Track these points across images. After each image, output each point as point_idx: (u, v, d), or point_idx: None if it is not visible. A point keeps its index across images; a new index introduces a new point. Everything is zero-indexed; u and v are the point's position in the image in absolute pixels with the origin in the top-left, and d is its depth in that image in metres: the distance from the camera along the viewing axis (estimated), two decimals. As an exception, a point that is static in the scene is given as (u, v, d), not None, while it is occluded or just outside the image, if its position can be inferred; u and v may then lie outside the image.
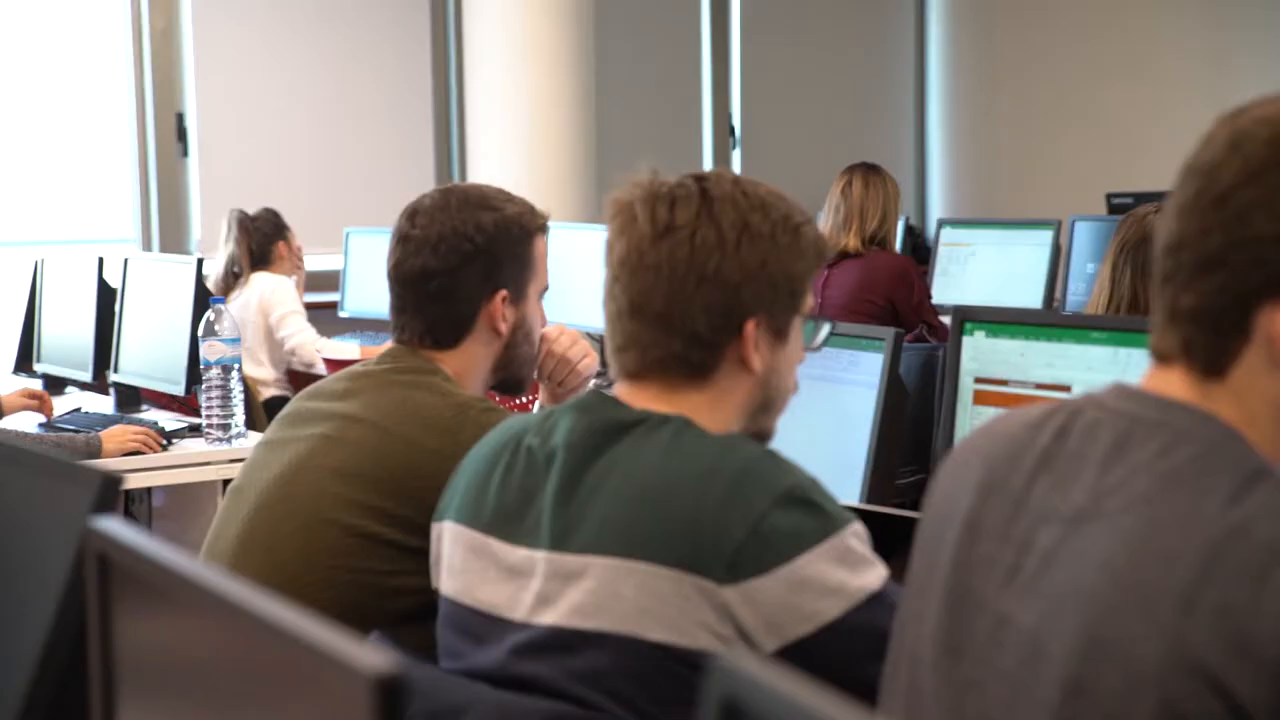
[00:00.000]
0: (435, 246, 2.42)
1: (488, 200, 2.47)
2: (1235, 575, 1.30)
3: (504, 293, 2.45)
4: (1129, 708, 1.32)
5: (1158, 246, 1.44)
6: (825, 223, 5.44)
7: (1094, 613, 1.35)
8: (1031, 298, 5.33)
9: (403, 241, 2.46)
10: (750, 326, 1.88)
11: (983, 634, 1.45)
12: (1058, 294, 5.44)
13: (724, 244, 1.86)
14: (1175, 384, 1.43)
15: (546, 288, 2.56)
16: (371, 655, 0.93)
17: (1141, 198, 5.40)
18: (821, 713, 0.84)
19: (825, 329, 2.03)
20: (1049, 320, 2.27)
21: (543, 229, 2.52)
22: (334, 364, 5.23)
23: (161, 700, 1.15)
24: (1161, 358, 1.45)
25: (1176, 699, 1.30)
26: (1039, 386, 2.25)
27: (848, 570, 1.77)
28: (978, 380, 2.33)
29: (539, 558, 1.84)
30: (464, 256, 2.42)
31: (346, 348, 5.94)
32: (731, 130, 8.01)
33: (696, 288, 1.85)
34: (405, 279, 2.45)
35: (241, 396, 4.28)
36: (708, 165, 7.75)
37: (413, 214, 2.46)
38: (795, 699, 0.85)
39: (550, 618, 1.81)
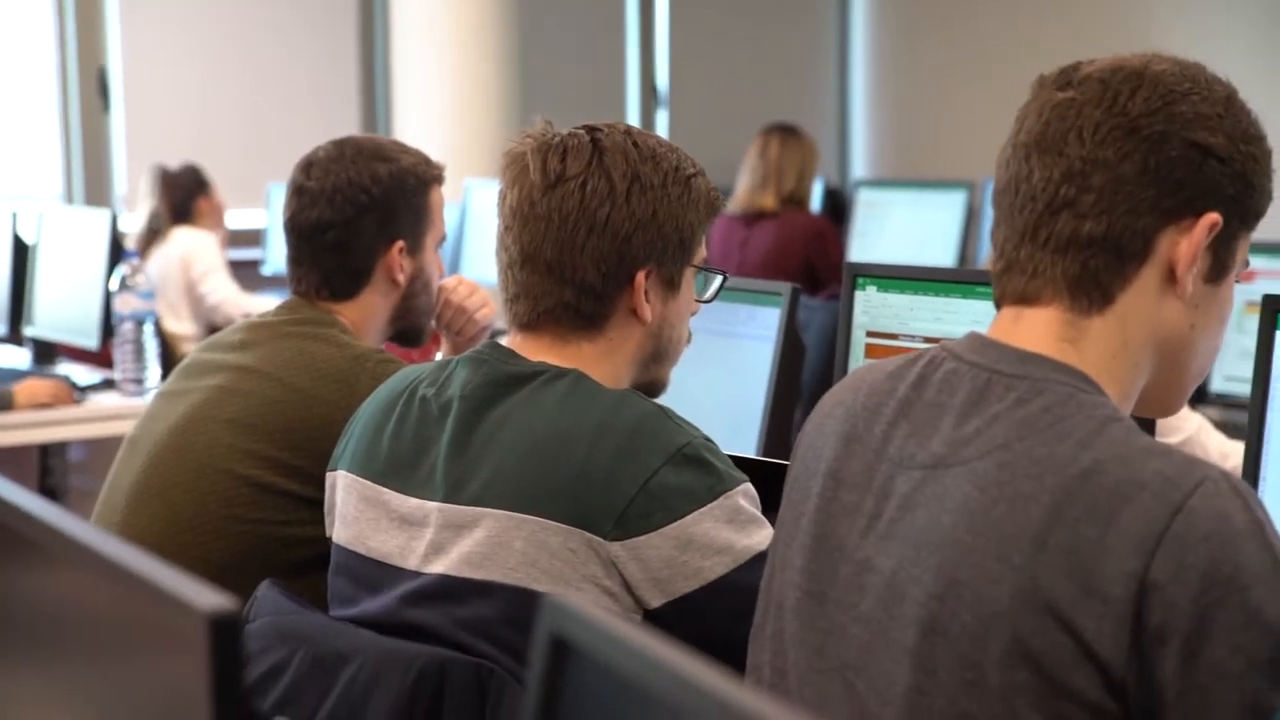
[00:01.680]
0: (331, 198, 2.43)
1: (383, 151, 2.47)
2: (1084, 516, 1.33)
3: (401, 243, 2.46)
4: (982, 645, 1.35)
5: (1026, 186, 1.47)
6: (743, 183, 5.46)
7: (950, 555, 1.39)
8: (946, 257, 5.39)
9: (298, 193, 2.46)
10: (641, 277, 1.90)
11: (844, 580, 1.48)
12: (971, 253, 5.49)
13: (614, 194, 1.87)
14: (1039, 329, 1.47)
15: (444, 238, 2.57)
16: (208, 595, 0.95)
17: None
18: (644, 650, 0.86)
19: (717, 280, 2.05)
20: (937, 275, 2.30)
21: (438, 179, 2.52)
22: (252, 320, 5.19)
23: (6, 648, 1.16)
24: (1024, 300, 1.48)
25: (1026, 635, 1.33)
26: (927, 340, 2.28)
27: (735, 530, 1.80)
28: (869, 334, 2.36)
29: (432, 508, 1.85)
30: (360, 207, 2.43)
31: (269, 304, 5.90)
32: (655, 90, 8.00)
33: (587, 238, 1.87)
34: (301, 230, 2.45)
35: (155, 350, 4.27)
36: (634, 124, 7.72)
37: (308, 166, 2.46)
38: (620, 636, 0.87)
39: (440, 566, 1.83)
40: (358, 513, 1.94)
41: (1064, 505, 1.35)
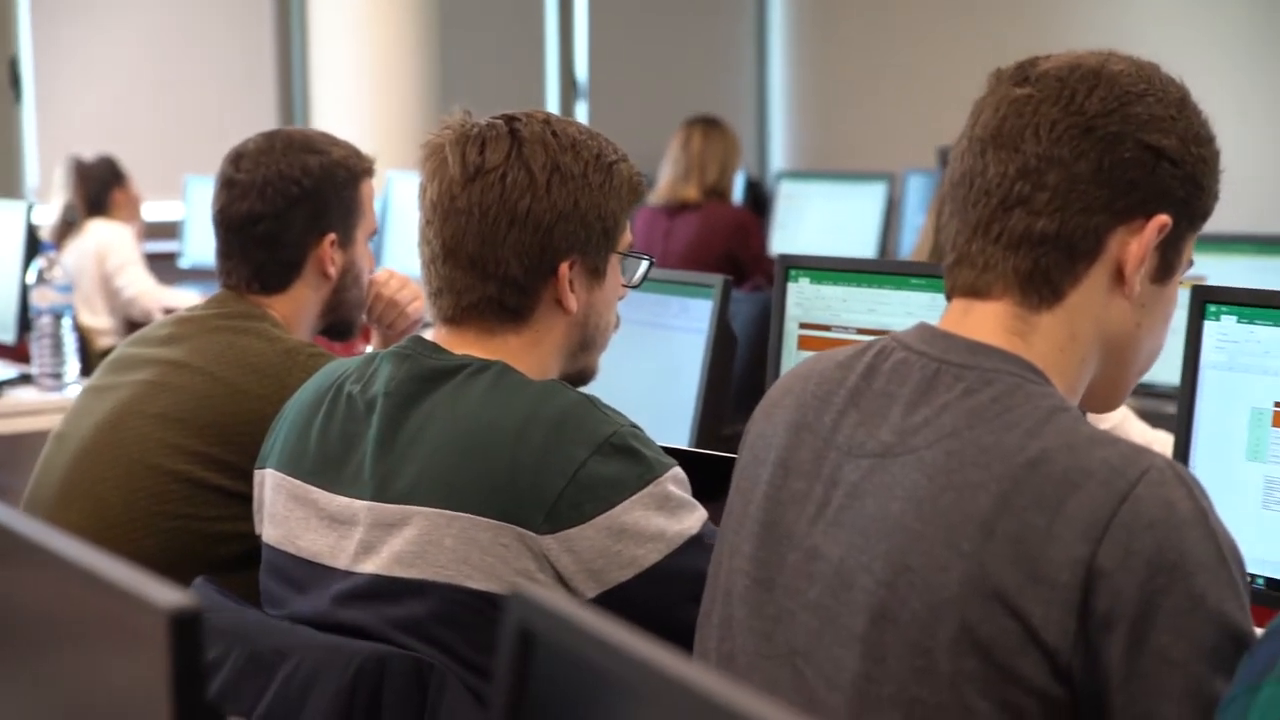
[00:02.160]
0: (261, 190, 2.40)
1: (313, 144, 2.45)
2: (1032, 504, 1.35)
3: (332, 236, 2.44)
4: (931, 631, 1.36)
5: (981, 181, 1.48)
6: (665, 175, 5.48)
7: (899, 542, 1.40)
8: (866, 248, 5.42)
9: (227, 186, 2.43)
10: (564, 268, 1.88)
11: (793, 567, 1.48)
12: (891, 245, 5.53)
13: (534, 185, 1.86)
14: (988, 322, 1.48)
15: (375, 231, 2.56)
16: (168, 592, 0.94)
17: (976, 152, 5.47)
18: (609, 640, 0.86)
19: (644, 265, 2.05)
20: (870, 267, 2.31)
21: (369, 172, 2.51)
22: (172, 313, 5.14)
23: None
24: (974, 293, 1.49)
25: (975, 622, 1.35)
26: (860, 331, 2.30)
27: (666, 516, 1.79)
28: (802, 325, 2.37)
29: (360, 507, 1.84)
30: (291, 200, 2.41)
31: (186, 297, 5.86)
32: (575, 82, 8.00)
33: (508, 231, 1.86)
34: (231, 223, 2.43)
35: (73, 344, 4.21)
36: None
37: (237, 158, 2.44)
38: (586, 628, 0.87)
39: (372, 566, 1.82)
40: (287, 512, 1.92)
41: (1012, 493, 1.36)
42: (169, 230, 6.91)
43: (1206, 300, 1.90)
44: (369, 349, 2.68)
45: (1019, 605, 1.34)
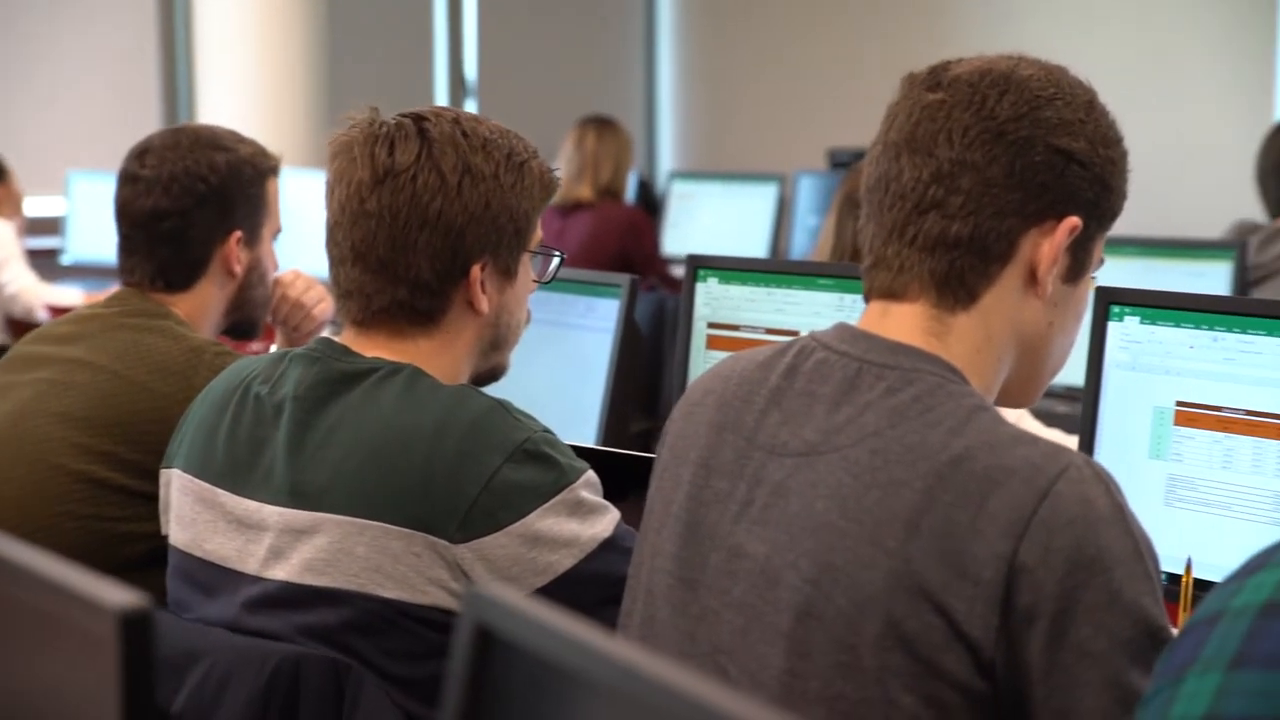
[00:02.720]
0: (167, 186, 2.37)
1: (219, 140, 2.42)
2: (956, 501, 1.37)
3: (238, 234, 2.42)
4: (857, 628, 1.38)
5: (896, 185, 1.51)
6: (559, 174, 5.47)
7: (824, 540, 1.41)
8: (758, 248, 5.46)
9: (131, 181, 2.40)
10: (476, 270, 1.87)
11: (716, 566, 1.49)
12: (782, 245, 5.58)
13: (446, 188, 1.84)
14: (906, 323, 1.50)
15: (280, 230, 2.53)
16: (118, 593, 0.93)
17: (861, 153, 5.54)
18: (568, 635, 0.87)
19: (555, 261, 2.04)
20: (779, 268, 2.34)
21: (275, 170, 2.48)
22: (57, 311, 5.07)
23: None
24: (892, 295, 1.52)
25: (900, 618, 1.37)
26: (769, 331, 2.32)
27: (579, 521, 1.79)
28: (710, 325, 2.39)
29: (270, 512, 1.82)
30: (197, 197, 2.38)
31: (70, 294, 5.76)
32: (464, 81, 7.97)
33: (419, 234, 1.84)
34: (135, 220, 2.40)
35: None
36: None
37: (142, 153, 2.40)
38: (545, 624, 0.88)
39: (282, 573, 1.80)
40: (194, 514, 1.90)
41: (936, 490, 1.38)
42: (50, 226, 6.79)
43: (1110, 302, 1.94)
44: (273, 348, 2.66)
45: (943, 601, 1.37)
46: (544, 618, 0.88)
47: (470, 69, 7.95)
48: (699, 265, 2.40)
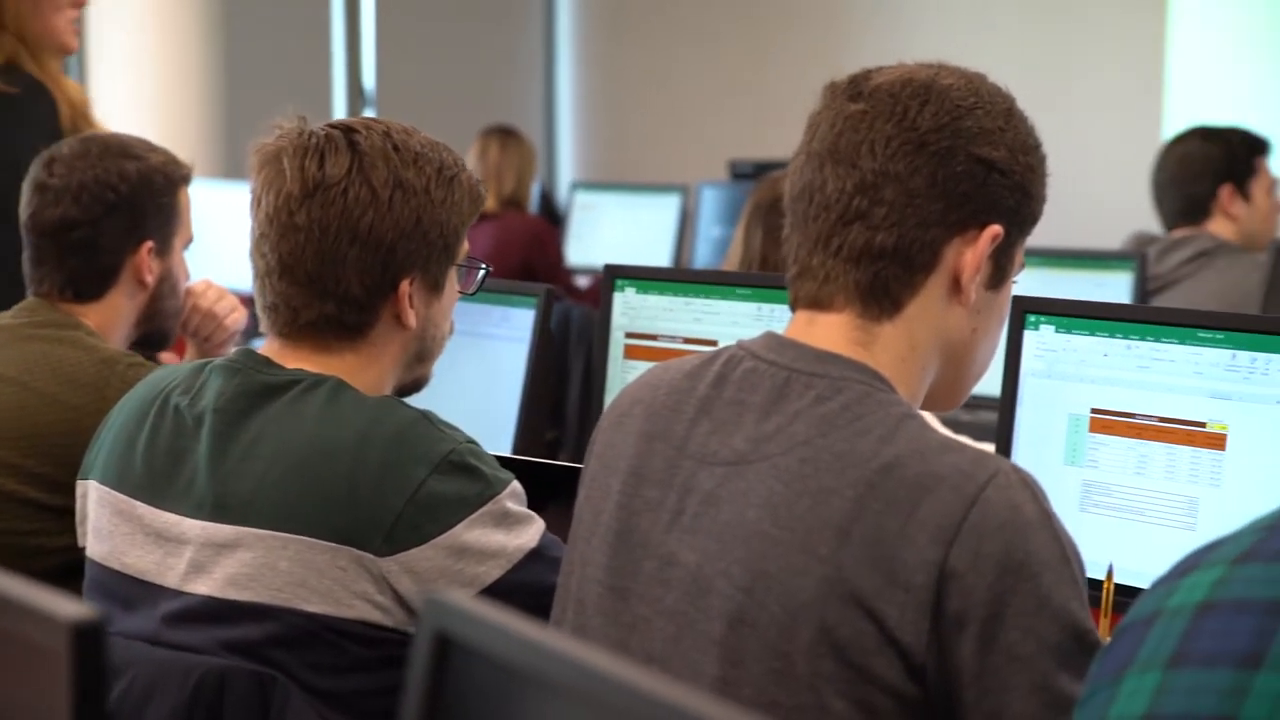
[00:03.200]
0: (76, 195, 2.34)
1: (130, 149, 2.40)
2: (886, 508, 1.39)
3: (150, 244, 2.39)
4: (790, 635, 1.40)
5: (820, 196, 1.52)
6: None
7: (756, 548, 1.43)
8: (661, 258, 5.48)
9: (40, 190, 2.36)
10: (405, 285, 1.86)
11: (648, 575, 1.50)
12: (685, 255, 5.60)
13: (377, 202, 1.82)
14: (833, 333, 1.52)
15: (191, 240, 2.51)
16: (68, 604, 0.92)
17: (761, 165, 5.59)
18: (527, 639, 0.87)
19: (480, 273, 2.04)
20: (697, 277, 2.35)
21: (186, 179, 2.46)
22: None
23: None
24: (817, 305, 1.53)
25: (833, 624, 1.38)
26: (687, 341, 2.33)
27: (505, 532, 1.79)
28: (628, 335, 2.39)
29: (191, 525, 1.80)
30: (107, 206, 2.35)
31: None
32: (362, 90, 7.92)
33: (349, 249, 1.82)
34: (44, 229, 2.36)
35: None
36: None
37: (50, 162, 2.37)
38: (504, 628, 0.88)
39: (204, 587, 1.78)
40: (112, 527, 1.87)
41: (867, 498, 1.40)
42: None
43: (1026, 311, 1.98)
44: (186, 359, 2.63)
45: (875, 607, 1.38)
46: (504, 623, 0.88)
47: (368, 78, 7.90)
48: (616, 275, 2.41)
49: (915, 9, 7.16)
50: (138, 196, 2.37)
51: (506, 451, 2.45)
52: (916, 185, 1.49)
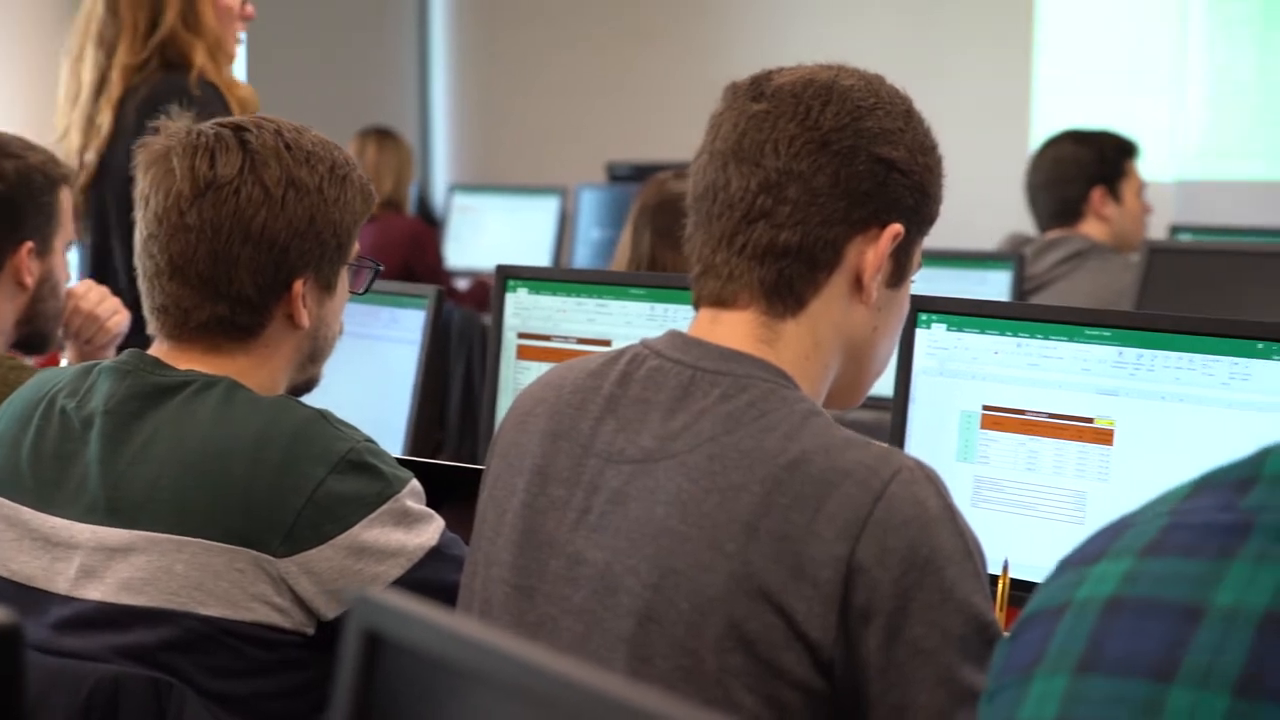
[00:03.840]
0: None
1: (8, 147, 2.35)
2: (793, 504, 1.40)
3: (29, 244, 2.34)
4: (698, 631, 1.40)
5: (724, 195, 1.53)
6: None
7: (665, 545, 1.43)
8: (539, 261, 5.46)
9: (-84, 191, 2.31)
10: (298, 285, 1.84)
11: (554, 573, 1.50)
12: (564, 257, 5.60)
13: (270, 201, 1.81)
14: (737, 330, 1.53)
15: (72, 241, 2.46)
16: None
17: (640, 167, 5.61)
18: (458, 634, 0.87)
19: (371, 274, 2.03)
20: (590, 278, 2.35)
21: (66, 179, 2.41)
22: None
23: None
24: (721, 303, 1.54)
25: (741, 619, 1.39)
26: (581, 341, 2.33)
27: (405, 530, 1.78)
28: (521, 335, 2.39)
29: (81, 530, 1.77)
30: None
31: None
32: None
33: (241, 249, 1.80)
34: (-82, 230, 2.31)
35: None
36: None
37: (-73, 162, 2.32)
38: (434, 624, 0.88)
39: (96, 593, 1.75)
40: None
41: (774, 494, 1.41)
42: None
43: (918, 309, 2.00)
44: (64, 363, 2.58)
45: (783, 602, 1.39)
46: (435, 618, 0.88)
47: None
48: (508, 275, 2.40)
49: (788, 13, 7.23)
50: (16, 196, 2.32)
51: (397, 453, 2.43)
52: (820, 184, 1.51)
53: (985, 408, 1.96)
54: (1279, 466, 1.06)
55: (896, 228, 1.54)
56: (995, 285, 3.40)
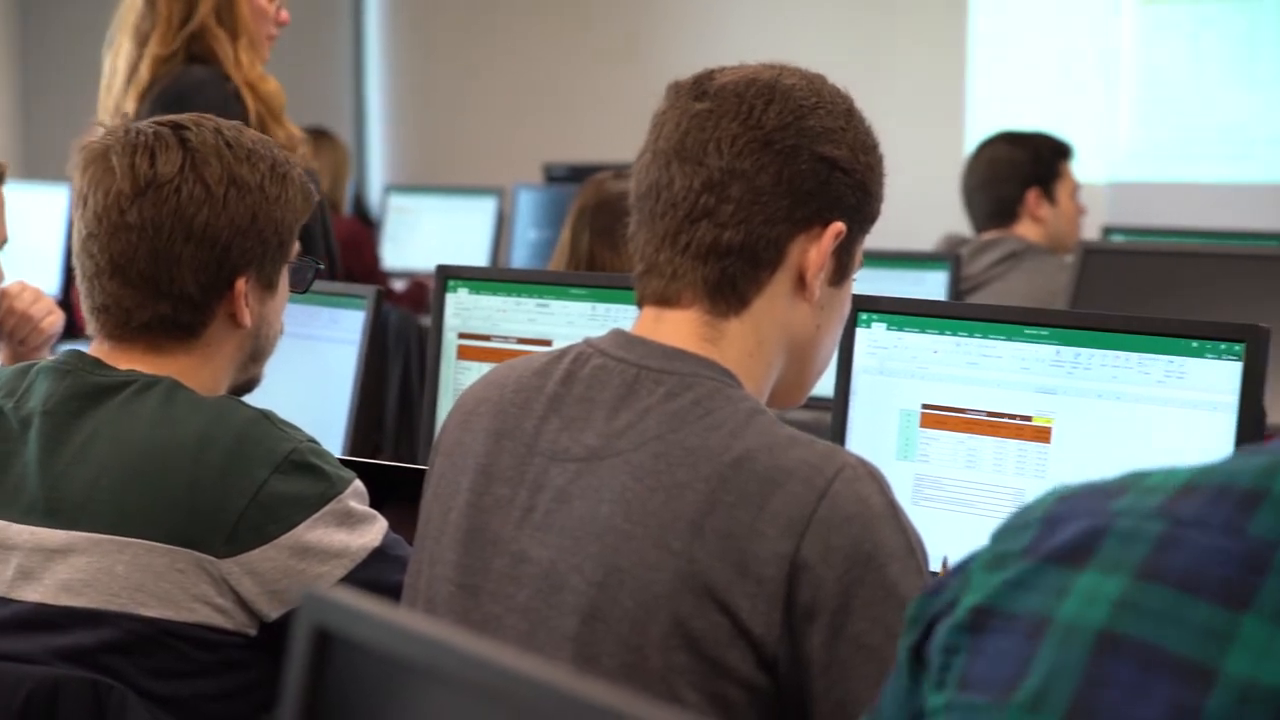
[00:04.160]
0: None
1: None
2: (738, 502, 1.41)
3: (-38, 245, 2.32)
4: (643, 629, 1.41)
5: (668, 193, 1.53)
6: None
7: (610, 543, 1.44)
8: (477, 262, 5.45)
9: None
10: (241, 283, 1.84)
11: (499, 572, 1.50)
12: (502, 258, 5.59)
13: (211, 199, 1.80)
14: (681, 329, 1.53)
15: (5, 240, 2.43)
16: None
17: (576, 168, 5.60)
18: (409, 630, 0.87)
19: (312, 272, 2.03)
20: (530, 277, 2.35)
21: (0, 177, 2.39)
22: None
23: None
24: (665, 302, 1.55)
25: (686, 617, 1.40)
26: (521, 341, 2.33)
27: (349, 531, 1.78)
28: (461, 335, 2.38)
29: (18, 530, 1.75)
30: None
31: None
32: (165, 90, 7.78)
33: (183, 247, 1.80)
34: None
35: None
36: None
37: None
38: (385, 620, 0.88)
39: (35, 594, 1.74)
40: None
41: (719, 492, 1.42)
42: None
43: (859, 309, 2.01)
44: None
45: (728, 600, 1.40)
46: (384, 615, 0.88)
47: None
48: (449, 275, 2.40)
49: (721, 15, 7.25)
50: None
51: (337, 454, 2.42)
52: (763, 183, 1.52)
53: (925, 406, 1.97)
54: None
55: (839, 226, 1.55)
56: (932, 286, 3.43)
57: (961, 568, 1.07)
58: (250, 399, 1.96)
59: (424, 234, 5.81)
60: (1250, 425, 1.78)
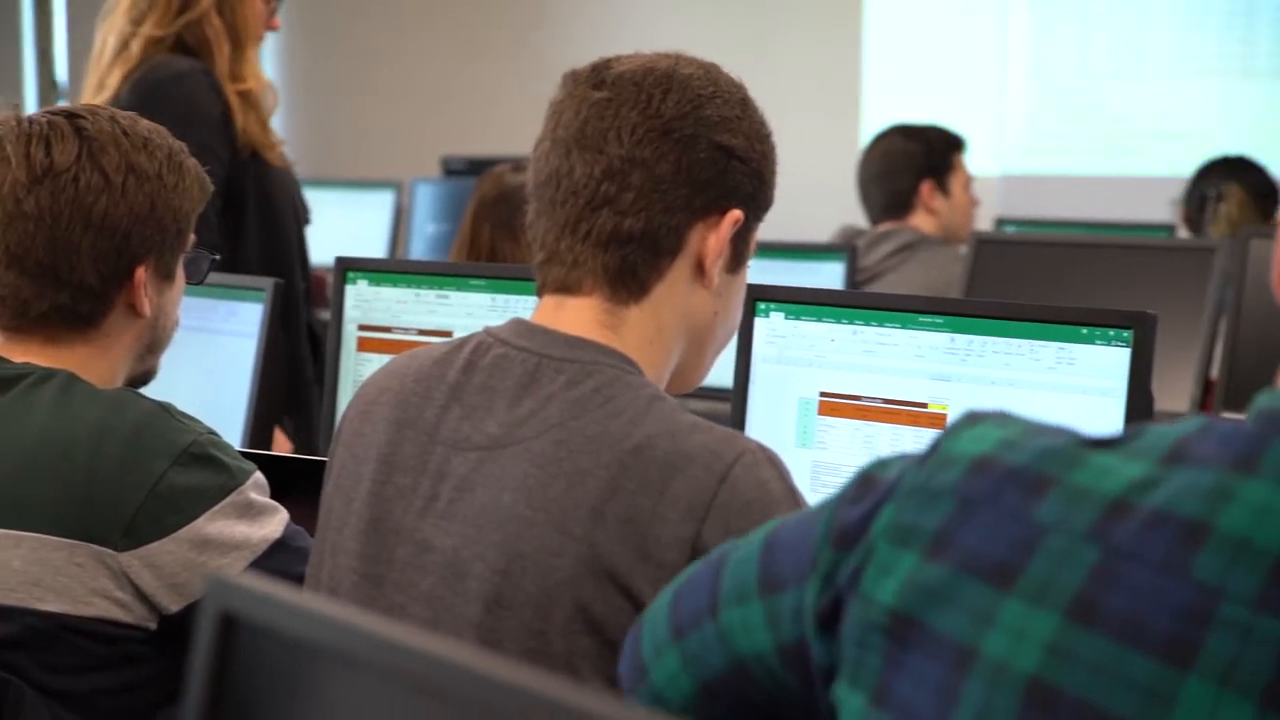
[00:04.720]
0: None
1: None
2: (639, 488, 1.42)
3: None
4: (546, 614, 1.42)
5: (568, 182, 1.55)
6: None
7: (513, 530, 1.45)
8: (375, 255, 5.42)
9: None
10: (140, 272, 1.83)
11: (403, 561, 1.51)
12: (400, 251, 5.57)
13: (110, 188, 1.80)
14: (581, 317, 1.54)
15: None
16: None
17: (475, 161, 5.59)
18: (311, 613, 0.88)
19: (208, 263, 2.03)
20: (430, 269, 2.35)
21: None
22: None
23: None
24: (565, 289, 1.56)
25: (588, 601, 1.41)
26: (421, 332, 2.33)
27: (249, 523, 1.78)
28: (361, 327, 2.38)
29: None
30: None
31: None
32: (55, 83, 7.67)
33: (82, 236, 1.79)
34: None
35: None
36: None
37: None
38: (293, 605, 0.88)
39: None
40: None
41: (620, 478, 1.43)
42: None
43: (757, 298, 2.04)
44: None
45: (630, 584, 1.42)
46: (291, 599, 0.88)
47: (61, 70, 7.65)
48: (348, 267, 2.39)
49: (619, 7, 7.27)
50: None
51: (237, 446, 2.41)
52: (663, 171, 1.53)
53: (822, 394, 2.00)
54: (1234, 522, 0.87)
55: (736, 214, 1.57)
56: (828, 277, 3.47)
57: (864, 521, 1.04)
58: (149, 392, 1.94)
59: (322, 228, 5.74)
60: (1139, 410, 1.82)
